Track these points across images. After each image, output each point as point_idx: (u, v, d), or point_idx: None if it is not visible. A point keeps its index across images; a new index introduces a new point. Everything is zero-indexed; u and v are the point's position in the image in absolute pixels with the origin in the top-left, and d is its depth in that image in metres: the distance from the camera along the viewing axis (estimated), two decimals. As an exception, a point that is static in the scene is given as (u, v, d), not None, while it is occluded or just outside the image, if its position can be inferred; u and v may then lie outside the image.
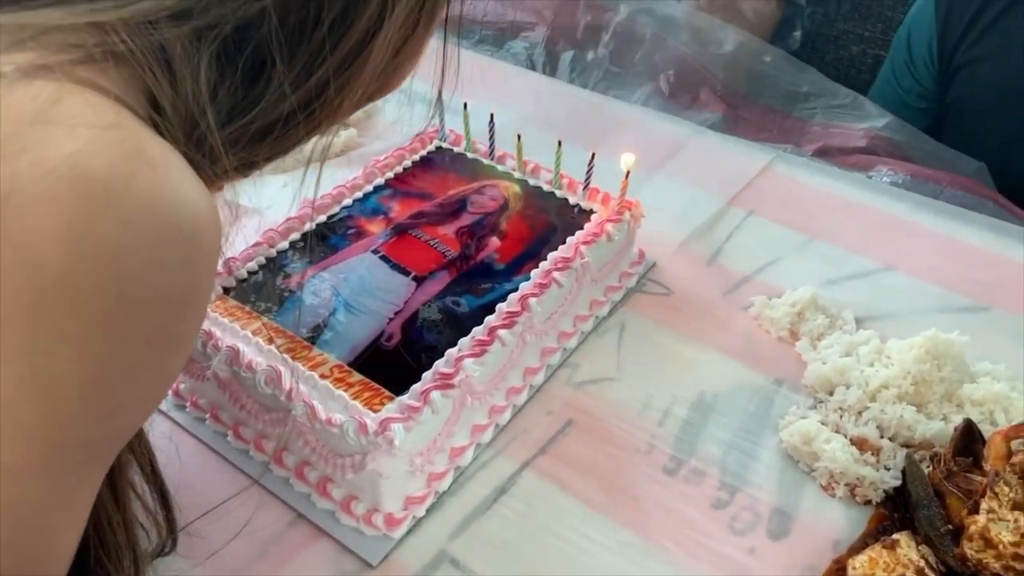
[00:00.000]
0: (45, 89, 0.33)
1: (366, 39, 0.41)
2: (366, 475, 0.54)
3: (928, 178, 0.85)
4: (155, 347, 0.35)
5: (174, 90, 0.37)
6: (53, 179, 0.31)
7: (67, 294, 0.31)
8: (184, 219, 0.34)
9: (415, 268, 0.66)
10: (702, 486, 0.59)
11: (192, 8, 0.37)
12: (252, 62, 0.39)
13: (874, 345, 0.66)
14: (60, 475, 0.34)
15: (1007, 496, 0.50)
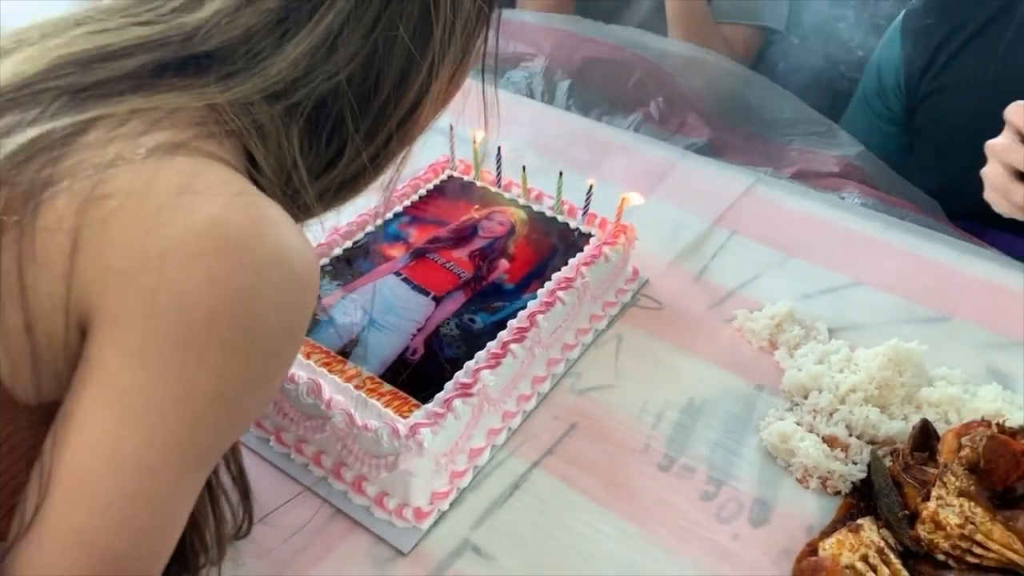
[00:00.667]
0: (186, 164, 0.42)
1: (419, 98, 0.50)
2: (398, 474, 0.61)
3: (894, 203, 0.93)
4: (269, 370, 0.44)
5: (271, 156, 0.46)
6: (200, 239, 0.40)
7: (211, 329, 0.40)
8: (298, 267, 0.43)
9: (434, 289, 0.74)
10: (692, 480, 0.67)
11: (282, 91, 0.46)
12: (330, 129, 0.48)
13: (844, 354, 0.74)
14: (188, 471, 0.42)
15: (954, 485, 0.58)
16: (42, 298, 0.40)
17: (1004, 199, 0.75)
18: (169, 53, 0.45)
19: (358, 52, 0.47)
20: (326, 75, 0.46)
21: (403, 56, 0.48)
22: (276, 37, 0.46)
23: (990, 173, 0.76)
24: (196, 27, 0.46)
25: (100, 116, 0.43)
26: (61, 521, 0.40)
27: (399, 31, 0.48)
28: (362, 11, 0.47)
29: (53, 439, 0.40)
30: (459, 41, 0.51)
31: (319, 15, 0.46)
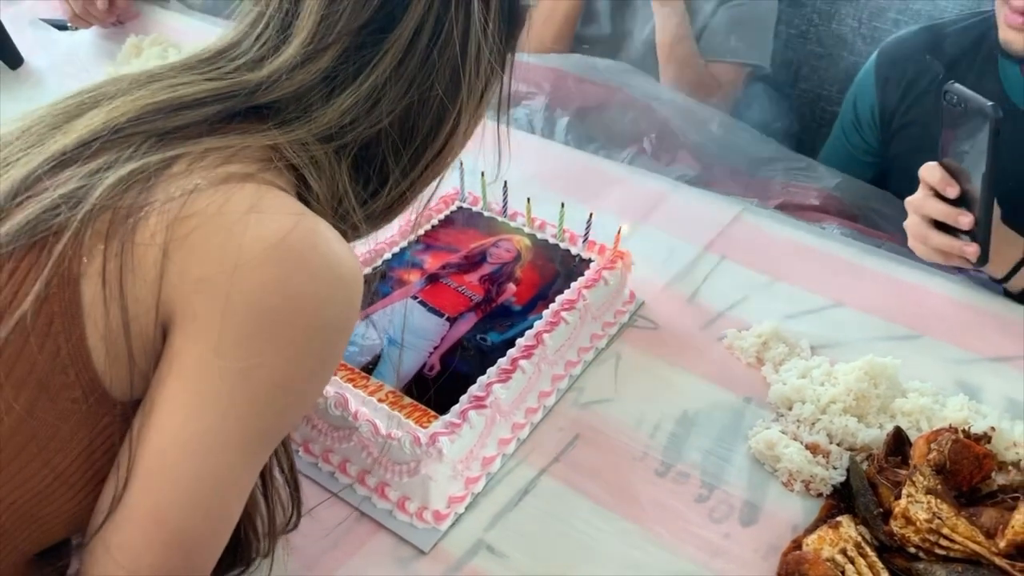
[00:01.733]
0: (253, 190, 0.50)
1: (449, 138, 0.59)
2: (419, 479, 0.67)
3: (870, 234, 1.00)
4: (322, 361, 0.51)
5: (324, 185, 0.54)
6: (267, 248, 0.47)
7: (275, 325, 0.47)
8: (346, 272, 0.51)
9: (448, 310, 0.80)
10: (687, 485, 0.73)
11: (333, 134, 0.54)
12: (374, 165, 0.57)
13: (824, 368, 0.80)
14: (250, 452, 0.49)
15: (922, 484, 0.64)
16: (137, 303, 0.47)
17: (923, 245, 0.86)
18: (237, 103, 0.53)
19: (397, 105, 0.55)
20: (370, 123, 0.55)
21: (436, 106, 0.57)
22: (326, 92, 0.54)
23: (909, 224, 0.88)
24: (259, 83, 0.54)
25: (183, 153, 0.51)
26: (141, 499, 0.46)
27: (434, 87, 0.56)
28: (402, 71, 0.55)
29: (136, 427, 0.47)
30: (480, 88, 0.59)
31: (364, 75, 0.54)
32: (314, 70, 0.54)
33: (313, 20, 0.54)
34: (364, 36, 0.54)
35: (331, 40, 0.53)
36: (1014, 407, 0.79)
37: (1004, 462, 0.72)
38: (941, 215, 0.85)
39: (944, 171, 0.84)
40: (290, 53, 0.54)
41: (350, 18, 0.54)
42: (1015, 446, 0.72)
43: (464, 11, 0.56)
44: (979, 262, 0.83)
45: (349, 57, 0.54)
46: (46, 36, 1.47)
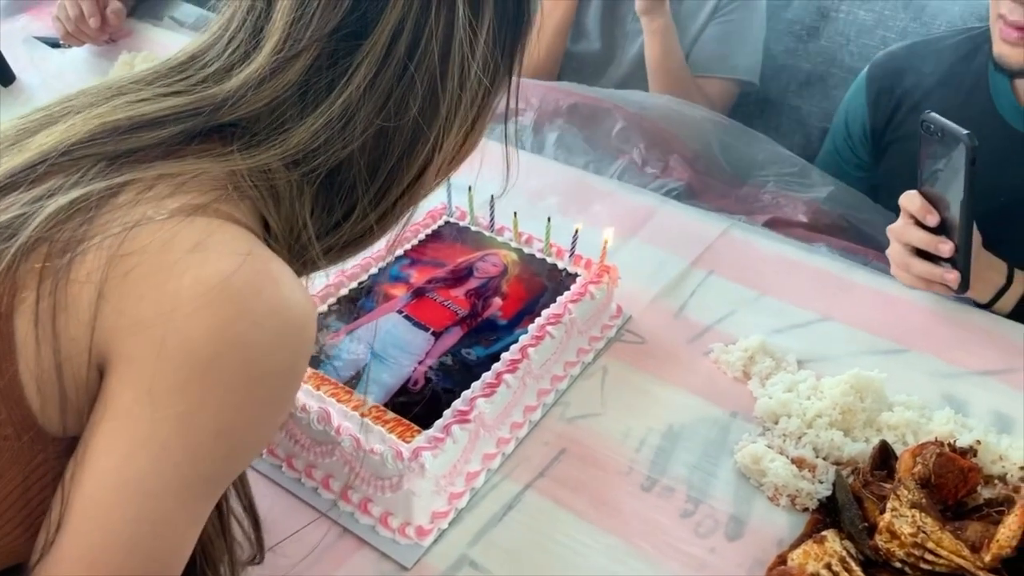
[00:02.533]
0: (202, 224, 0.47)
1: (424, 165, 0.55)
2: (401, 494, 0.67)
3: (858, 252, 1.00)
4: (268, 408, 0.49)
5: (282, 217, 0.52)
6: (207, 291, 0.45)
7: (213, 372, 0.45)
8: (294, 318, 0.48)
9: (433, 324, 0.80)
10: (672, 499, 0.73)
11: (301, 158, 0.51)
12: (342, 192, 0.53)
13: (810, 383, 0.80)
14: (191, 498, 0.47)
15: (907, 498, 0.64)
16: (72, 342, 0.45)
17: (905, 272, 0.87)
18: (199, 123, 0.50)
19: (371, 124, 0.51)
20: (341, 145, 0.51)
21: (412, 128, 0.53)
22: (298, 109, 0.51)
23: (892, 252, 0.89)
24: (224, 98, 0.51)
25: (131, 180, 0.48)
26: (75, 542, 0.45)
27: (409, 105, 0.52)
28: (377, 85, 0.51)
29: (71, 468, 0.46)
30: (466, 113, 0.55)
31: (338, 89, 0.50)
32: (284, 83, 0.50)
33: (284, 22, 0.50)
34: (337, 42, 0.50)
35: (302, 46, 0.50)
36: (1001, 421, 0.79)
37: (990, 476, 0.71)
38: (922, 243, 0.86)
39: (923, 199, 0.85)
40: (260, 62, 0.50)
41: (321, 20, 0.50)
42: (1001, 459, 0.72)
43: (446, 18, 0.52)
44: (960, 289, 0.84)
45: (322, 68, 0.51)
46: (39, 54, 1.48)
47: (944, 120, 0.81)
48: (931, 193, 0.86)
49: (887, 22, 1.38)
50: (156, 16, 1.57)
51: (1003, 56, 0.92)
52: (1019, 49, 0.89)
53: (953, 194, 0.82)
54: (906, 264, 0.88)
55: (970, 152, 0.78)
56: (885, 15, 1.38)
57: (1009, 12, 0.88)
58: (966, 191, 0.80)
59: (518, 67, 0.59)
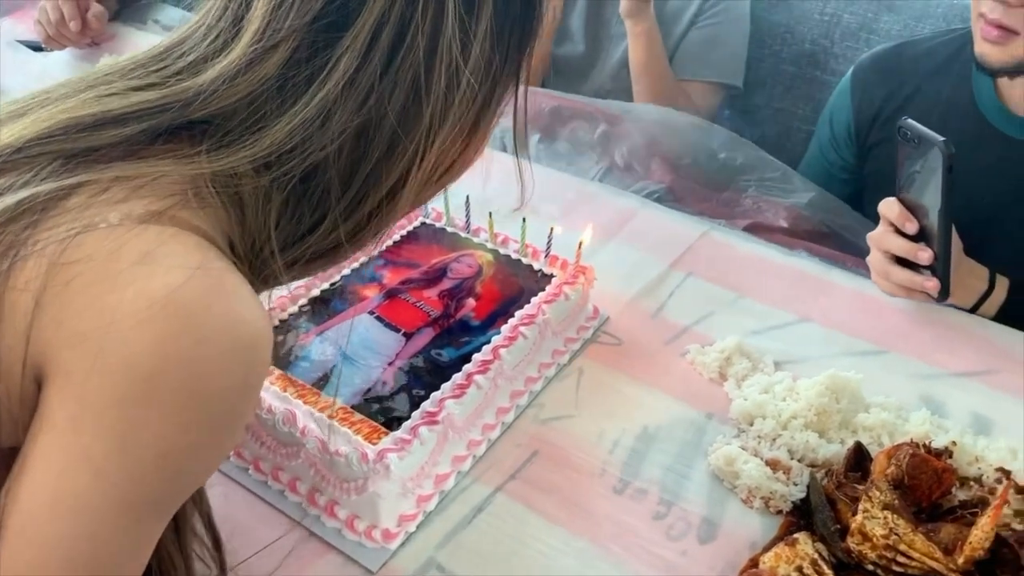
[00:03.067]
0: (154, 233, 0.44)
1: (404, 176, 0.51)
2: (367, 497, 0.66)
3: (838, 258, 1.00)
4: (215, 431, 0.46)
5: (245, 226, 0.49)
6: (151, 305, 0.42)
7: (153, 390, 0.42)
8: (245, 336, 0.45)
9: (404, 325, 0.79)
10: (644, 502, 0.72)
11: (273, 160, 0.48)
12: (314, 199, 0.50)
13: (786, 384, 0.79)
14: (131, 520, 0.45)
15: (879, 499, 0.63)
16: (9, 351, 0.43)
17: (885, 280, 0.86)
18: (166, 120, 0.48)
19: (349, 124, 0.48)
20: (318, 146, 0.48)
21: (392, 133, 0.49)
22: (274, 105, 0.48)
23: (871, 259, 0.89)
24: (196, 93, 0.48)
25: (85, 182, 0.45)
26: (11, 558, 0.42)
27: (389, 107, 0.48)
28: (357, 82, 0.48)
29: (8, 482, 0.44)
30: (456, 121, 0.51)
31: (316, 84, 0.48)
32: (261, 76, 0.47)
33: (264, 10, 0.48)
34: (317, 33, 0.47)
35: (280, 37, 0.47)
36: (979, 422, 0.78)
37: (966, 477, 0.70)
38: (901, 251, 0.85)
39: (902, 206, 0.85)
40: (237, 53, 0.48)
41: (301, 8, 0.47)
42: (977, 461, 0.71)
43: (434, 12, 0.48)
44: (940, 297, 0.84)
45: (300, 61, 0.48)
46: (21, 57, 1.48)
47: (920, 127, 0.81)
48: (910, 200, 0.85)
49: (871, 25, 1.38)
50: (140, 20, 1.56)
51: (984, 55, 0.91)
52: (999, 48, 0.89)
53: (931, 201, 0.81)
54: (886, 272, 0.87)
55: (946, 159, 0.77)
56: (869, 18, 1.38)
57: (989, 11, 0.88)
58: (944, 198, 0.79)
59: (525, 73, 0.55)
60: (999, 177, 0.99)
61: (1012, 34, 0.87)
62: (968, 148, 1.00)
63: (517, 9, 0.52)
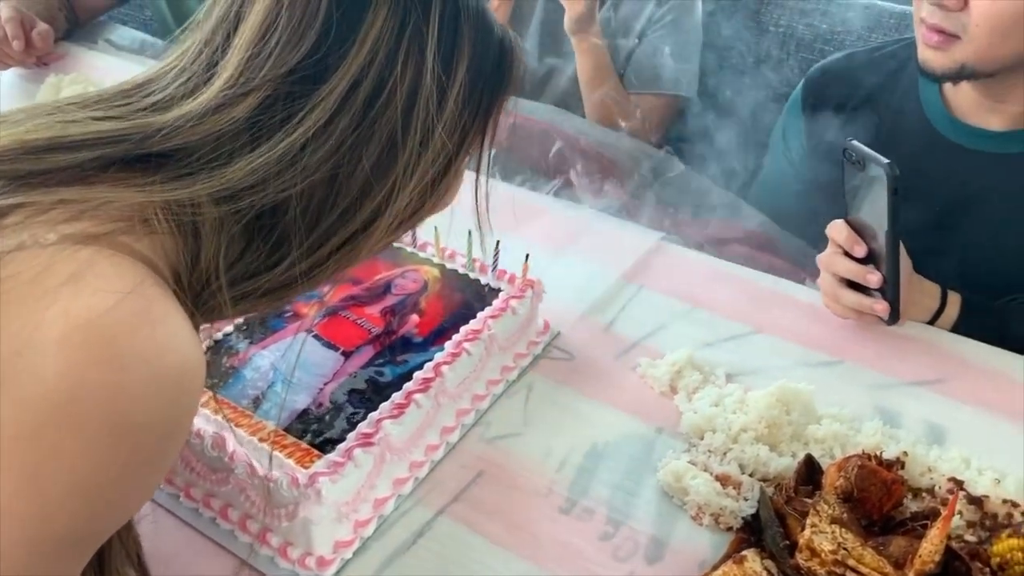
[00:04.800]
0: (87, 256, 0.43)
1: (371, 221, 0.51)
2: (299, 523, 0.63)
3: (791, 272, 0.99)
4: (137, 466, 0.43)
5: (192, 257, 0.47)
6: (70, 327, 0.40)
7: (67, 421, 0.40)
8: (171, 366, 0.43)
9: (343, 344, 0.77)
10: (591, 522, 0.69)
11: (230, 195, 0.47)
12: (273, 238, 0.49)
13: (737, 396, 0.77)
14: (44, 560, 0.42)
15: (827, 513, 0.61)
16: None
17: (836, 303, 0.85)
18: (121, 150, 0.47)
19: (317, 171, 0.48)
20: (278, 188, 0.47)
21: (362, 181, 0.49)
22: (239, 145, 0.47)
23: (822, 282, 0.89)
24: (158, 128, 0.47)
25: (25, 203, 0.44)
26: None
27: (362, 157, 0.49)
28: (328, 133, 0.48)
29: None
30: (425, 173, 0.51)
31: (285, 130, 0.47)
32: (227, 119, 0.47)
33: (239, 58, 0.48)
34: (292, 84, 0.48)
35: (253, 85, 0.47)
36: (933, 431, 0.77)
37: (919, 488, 0.69)
38: (850, 274, 0.84)
39: (850, 229, 0.84)
40: (207, 96, 0.48)
41: (278, 60, 0.47)
42: (930, 471, 0.70)
43: (413, 71, 0.49)
44: (890, 320, 0.83)
45: (272, 108, 0.48)
46: (-33, 77, 1.44)
47: (865, 148, 0.80)
48: (858, 222, 0.84)
49: (825, 35, 1.38)
50: (91, 40, 1.54)
51: (927, 61, 0.91)
52: (941, 53, 0.88)
53: (879, 223, 0.80)
54: (836, 295, 0.86)
55: (892, 181, 0.76)
56: (823, 29, 1.38)
57: (928, 15, 0.88)
58: (891, 221, 0.78)
59: (492, 130, 0.56)
60: (948, 185, 0.99)
61: (953, 38, 0.87)
62: (917, 157, 1.00)
63: (489, 68, 0.53)
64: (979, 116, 0.97)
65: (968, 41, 0.86)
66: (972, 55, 0.87)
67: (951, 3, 0.85)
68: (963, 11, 0.85)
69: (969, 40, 0.86)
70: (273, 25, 0.48)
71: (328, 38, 0.48)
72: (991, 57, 0.87)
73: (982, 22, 0.84)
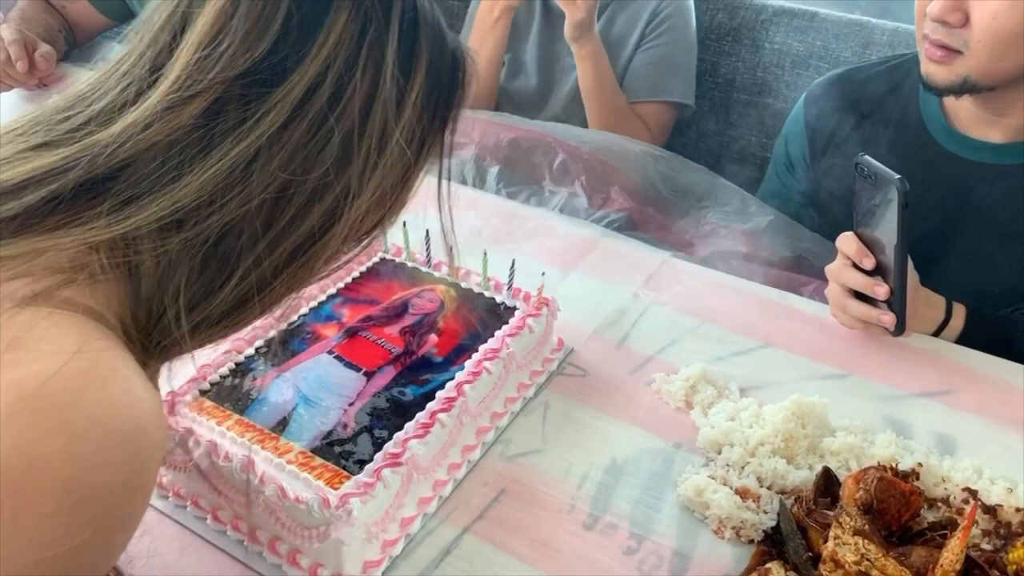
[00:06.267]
0: (27, 318, 0.40)
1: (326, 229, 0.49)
2: (330, 543, 0.64)
3: (794, 281, 1.01)
4: (101, 530, 0.42)
5: (143, 296, 0.45)
6: (15, 399, 0.38)
7: (21, 493, 0.38)
8: (126, 424, 0.41)
9: (365, 364, 0.77)
10: (615, 537, 0.70)
11: (183, 217, 0.45)
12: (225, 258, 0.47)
13: (753, 410, 0.79)
14: None
15: (849, 525, 0.63)
16: None
17: (843, 313, 0.87)
18: (71, 180, 0.44)
19: (273, 180, 0.46)
20: (237, 203, 0.45)
21: (314, 190, 0.47)
22: (188, 156, 0.45)
23: (830, 292, 0.91)
24: (105, 145, 0.44)
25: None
26: None
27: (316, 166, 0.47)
28: (283, 140, 0.46)
29: None
30: (380, 182, 0.50)
31: (236, 137, 0.45)
32: (172, 125, 0.44)
33: (186, 60, 0.45)
34: (244, 88, 0.45)
35: (201, 88, 0.44)
36: (943, 442, 0.79)
37: (933, 498, 0.71)
38: (858, 285, 0.86)
39: (860, 242, 0.86)
40: (152, 101, 0.45)
41: (231, 62, 0.45)
42: (944, 481, 0.71)
43: (372, 77, 0.47)
44: (896, 331, 0.85)
45: (223, 113, 0.45)
46: (-33, 99, 1.44)
47: (877, 163, 0.82)
48: (867, 235, 0.86)
49: (819, 52, 1.41)
50: (88, 60, 1.54)
51: (930, 75, 0.93)
52: (944, 67, 0.91)
53: (888, 236, 0.82)
54: (843, 305, 0.88)
55: (901, 196, 0.78)
56: (817, 46, 1.41)
57: (931, 32, 0.90)
58: (899, 235, 0.80)
59: (450, 139, 0.55)
60: (949, 196, 1.01)
61: (955, 53, 0.89)
62: (918, 169, 1.02)
63: (446, 75, 0.53)
64: (979, 129, 1.00)
65: (970, 56, 0.89)
66: (974, 69, 0.90)
67: (953, 20, 0.87)
68: (965, 27, 0.88)
69: (971, 55, 0.89)
70: (227, 25, 0.46)
71: (287, 40, 0.46)
72: (992, 71, 0.90)
73: (983, 38, 0.87)
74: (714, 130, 1.52)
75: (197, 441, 0.67)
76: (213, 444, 0.67)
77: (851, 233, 0.87)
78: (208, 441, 0.67)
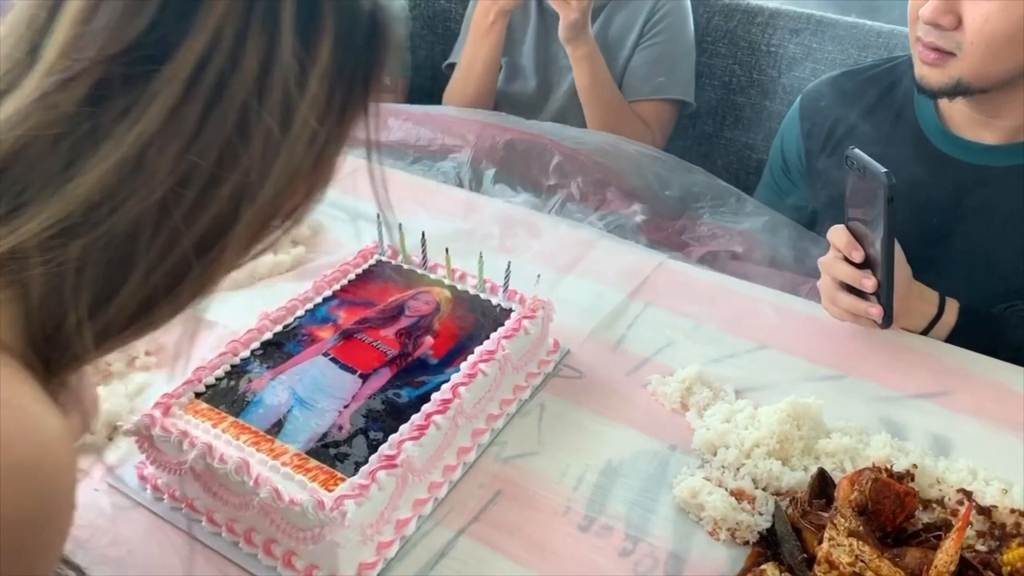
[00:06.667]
0: None
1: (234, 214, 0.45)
2: (325, 546, 0.64)
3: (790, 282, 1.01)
4: (17, 561, 0.39)
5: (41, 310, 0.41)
6: None
7: None
8: (25, 455, 0.39)
9: (360, 367, 0.77)
10: (610, 538, 0.70)
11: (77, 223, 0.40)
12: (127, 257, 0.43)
13: (748, 412, 0.79)
14: None
15: (844, 526, 0.63)
16: None
17: (833, 305, 0.88)
18: None
19: (174, 168, 0.42)
20: (138, 197, 0.41)
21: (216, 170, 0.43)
22: (76, 148, 0.41)
23: (821, 284, 0.92)
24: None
25: None
26: None
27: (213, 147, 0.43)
28: (180, 119, 0.42)
29: None
30: (290, 162, 0.46)
31: (128, 123, 0.41)
32: (56, 115, 0.40)
33: (64, 37, 0.40)
34: (129, 66, 0.41)
35: (80, 68, 0.39)
36: (938, 443, 0.79)
37: (928, 500, 0.71)
38: (847, 277, 0.87)
39: (849, 234, 0.86)
40: (30, 86, 0.40)
41: (111, 37, 0.40)
42: (938, 483, 0.71)
43: (267, 45, 0.43)
44: (883, 324, 0.85)
45: (108, 97, 0.41)
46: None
47: (866, 157, 0.82)
48: (857, 228, 0.86)
49: (815, 55, 1.41)
50: None
51: (923, 78, 0.94)
52: (938, 70, 0.91)
53: (876, 230, 0.83)
54: (833, 297, 0.89)
55: (887, 191, 0.79)
56: (813, 48, 1.41)
57: (925, 34, 0.91)
58: (886, 228, 0.81)
59: (373, 111, 0.50)
60: (944, 196, 1.02)
61: (948, 56, 0.90)
62: (914, 170, 1.03)
63: (361, 40, 0.48)
64: (973, 130, 1.00)
65: (963, 58, 0.89)
66: (967, 72, 0.90)
67: (945, 22, 0.88)
68: (957, 30, 0.88)
69: (964, 57, 0.89)
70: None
71: (171, 9, 0.42)
72: (984, 73, 0.90)
73: (976, 40, 0.87)
74: (710, 132, 1.53)
75: (192, 443, 0.67)
76: (208, 446, 0.67)
77: (842, 226, 0.88)
78: (203, 443, 0.67)
